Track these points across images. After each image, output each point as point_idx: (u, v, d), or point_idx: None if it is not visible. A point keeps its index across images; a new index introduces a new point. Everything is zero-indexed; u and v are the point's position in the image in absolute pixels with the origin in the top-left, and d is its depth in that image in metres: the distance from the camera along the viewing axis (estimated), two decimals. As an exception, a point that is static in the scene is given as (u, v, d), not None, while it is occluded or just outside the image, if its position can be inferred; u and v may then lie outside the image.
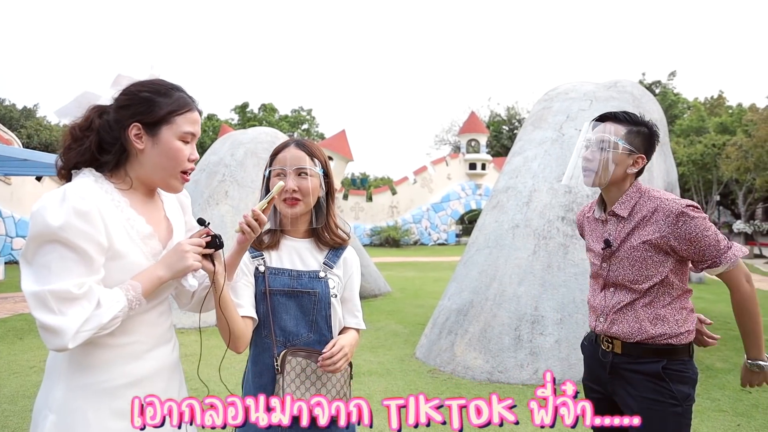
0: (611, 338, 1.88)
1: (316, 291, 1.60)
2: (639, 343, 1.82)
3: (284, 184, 1.51)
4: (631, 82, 6.44)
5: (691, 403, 1.81)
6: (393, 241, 24.51)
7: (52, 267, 1.13)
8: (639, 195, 1.86)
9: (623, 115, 1.87)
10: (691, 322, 1.84)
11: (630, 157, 1.84)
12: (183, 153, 1.32)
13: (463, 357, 4.79)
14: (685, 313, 1.83)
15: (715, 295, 9.85)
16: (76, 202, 1.15)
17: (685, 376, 1.80)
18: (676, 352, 1.80)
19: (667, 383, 1.78)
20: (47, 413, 1.22)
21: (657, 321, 1.81)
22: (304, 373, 1.55)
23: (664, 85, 35.71)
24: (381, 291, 9.51)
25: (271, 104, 38.67)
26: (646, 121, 1.88)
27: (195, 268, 1.30)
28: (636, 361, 1.82)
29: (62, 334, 1.11)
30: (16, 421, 3.62)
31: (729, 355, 5.54)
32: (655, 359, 1.80)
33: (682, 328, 1.81)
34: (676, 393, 1.78)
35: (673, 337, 1.80)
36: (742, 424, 3.70)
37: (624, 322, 1.85)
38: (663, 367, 1.79)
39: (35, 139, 32.49)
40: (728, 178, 22.44)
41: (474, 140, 27.49)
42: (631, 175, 1.87)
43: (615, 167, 1.83)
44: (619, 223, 1.88)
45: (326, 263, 1.65)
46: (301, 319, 1.59)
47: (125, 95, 1.30)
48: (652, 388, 1.79)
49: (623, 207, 1.87)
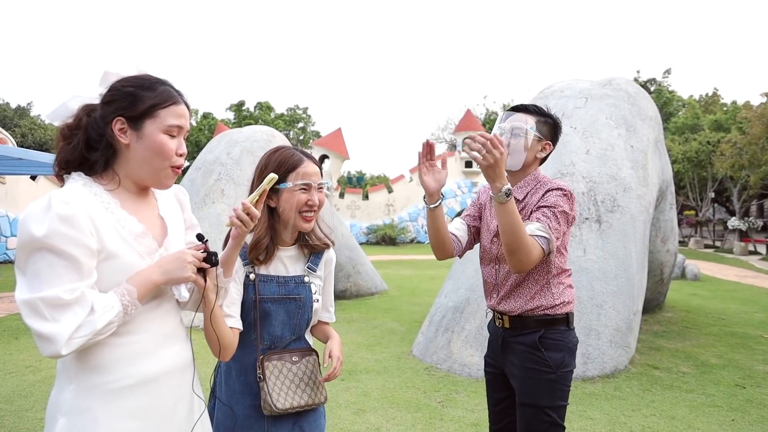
0: (501, 314, 2.06)
1: (302, 296, 1.64)
2: (520, 315, 2.00)
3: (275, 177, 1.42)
4: (626, 80, 6.46)
5: (566, 369, 1.96)
6: (389, 240, 24.50)
7: (41, 275, 1.12)
8: (536, 183, 2.03)
9: (533, 107, 2.06)
10: (568, 295, 2.01)
11: (539, 143, 2.04)
12: (168, 146, 1.30)
13: (459, 354, 4.80)
14: (562, 288, 2.00)
15: (710, 292, 9.91)
16: (60, 208, 1.14)
17: (560, 344, 1.96)
18: (554, 323, 1.98)
19: (542, 352, 1.94)
20: (58, 416, 1.21)
21: (536, 295, 1.98)
22: (281, 373, 1.59)
23: (659, 83, 35.78)
24: (377, 289, 9.51)
25: (267, 102, 38.54)
26: (552, 114, 2.09)
27: (191, 280, 1.30)
28: (520, 333, 2.00)
29: (55, 341, 1.10)
30: (12, 421, 3.61)
31: (723, 350, 5.58)
32: (534, 329, 1.97)
33: (558, 300, 1.98)
34: (550, 360, 1.94)
35: (549, 308, 1.97)
36: (737, 419, 3.73)
37: (509, 298, 2.03)
38: (539, 337, 1.96)
39: (30, 138, 32.32)
40: (723, 175, 22.50)
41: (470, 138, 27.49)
42: (538, 160, 2.06)
43: (527, 152, 2.01)
44: (516, 204, 1.98)
45: (309, 267, 1.68)
46: (287, 323, 1.63)
47: (110, 91, 1.29)
48: (529, 357, 1.96)
49: (520, 191, 2.03)
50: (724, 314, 7.63)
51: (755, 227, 22.40)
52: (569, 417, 3.71)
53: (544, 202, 1.92)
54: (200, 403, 1.44)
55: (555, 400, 1.94)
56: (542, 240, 1.85)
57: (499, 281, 2.06)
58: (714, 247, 23.06)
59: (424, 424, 3.62)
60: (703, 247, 22.99)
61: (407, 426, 3.59)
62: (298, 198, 1.57)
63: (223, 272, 1.41)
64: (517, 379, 2.00)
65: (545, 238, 1.85)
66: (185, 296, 1.37)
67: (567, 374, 1.96)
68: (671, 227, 6.85)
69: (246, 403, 1.60)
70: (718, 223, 27.88)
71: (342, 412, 3.79)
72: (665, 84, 35.77)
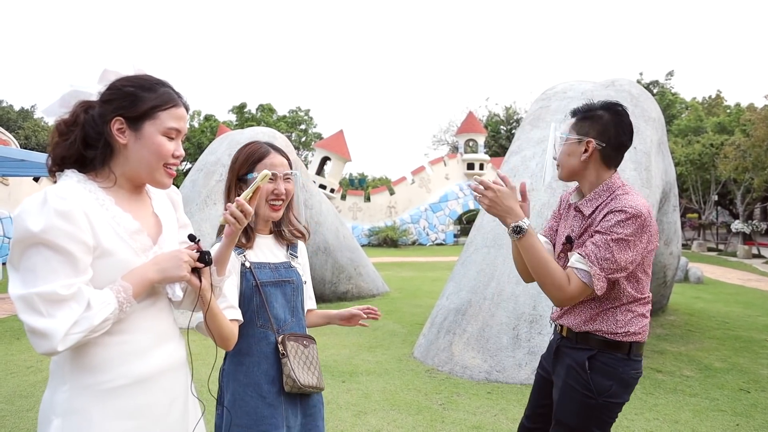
0: (561, 324, 1.96)
1: (293, 279, 1.74)
2: (578, 332, 1.87)
3: (268, 174, 1.43)
4: (629, 81, 6.44)
5: (612, 399, 1.78)
6: (391, 241, 24.48)
7: (37, 270, 1.11)
8: (608, 194, 1.82)
9: (578, 108, 1.92)
10: (636, 325, 1.81)
11: (580, 145, 1.85)
12: (166, 148, 1.30)
13: (461, 356, 4.78)
14: (630, 316, 1.80)
15: (713, 295, 9.86)
16: (57, 203, 1.14)
17: (611, 371, 1.78)
18: (612, 347, 1.80)
19: (587, 373, 1.79)
20: (52, 417, 1.20)
21: (596, 317, 1.82)
22: (297, 354, 1.67)
23: (662, 85, 35.75)
24: (379, 291, 9.50)
25: (269, 105, 38.63)
26: (603, 105, 1.87)
27: (186, 279, 1.30)
28: (574, 347, 1.87)
29: (51, 337, 1.09)
30: (13, 421, 3.61)
31: (727, 354, 5.54)
32: (588, 348, 1.82)
33: (621, 328, 1.79)
34: (593, 384, 1.77)
35: (609, 333, 1.80)
36: (741, 424, 3.69)
37: (570, 313, 1.90)
38: (590, 357, 1.80)
39: (33, 140, 32.45)
40: (726, 177, 22.41)
41: (472, 140, 27.47)
42: (594, 162, 1.85)
43: (569, 158, 1.87)
44: (583, 220, 1.88)
45: (291, 253, 1.79)
46: (286, 306, 1.71)
47: (110, 90, 1.29)
48: (573, 375, 1.83)
49: (588, 204, 1.86)
50: (727, 318, 7.59)
51: (759, 230, 22.33)
52: (571, 420, 3.69)
53: (601, 226, 1.74)
54: (196, 403, 1.43)
55: (589, 426, 1.79)
56: (582, 273, 1.71)
57: None
58: (717, 250, 22.97)
59: (425, 427, 3.59)
60: (706, 250, 22.91)
61: (408, 428, 3.57)
62: (266, 188, 1.65)
63: (216, 270, 1.40)
64: (557, 392, 1.90)
65: (585, 271, 1.70)
66: (179, 295, 1.36)
67: (611, 405, 1.78)
68: (674, 230, 6.82)
69: (264, 392, 1.62)
70: (722, 226, 27.78)
71: (342, 414, 3.77)
72: (668, 86, 35.75)
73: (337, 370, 4.90)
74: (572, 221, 1.93)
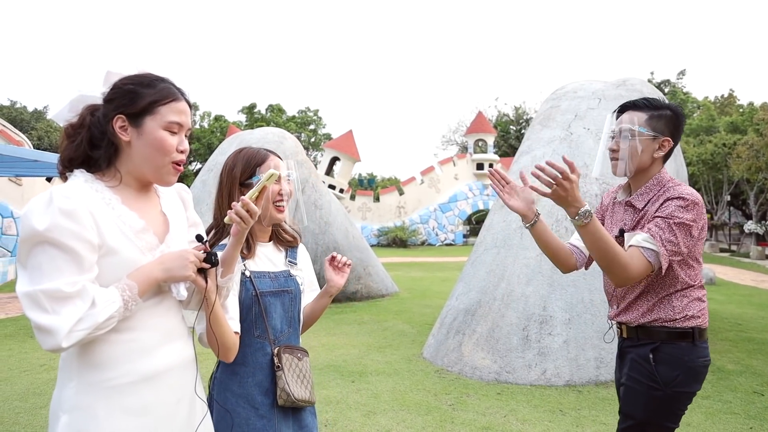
0: (620, 323, 1.94)
1: (292, 289, 1.72)
2: (638, 327, 1.86)
3: (276, 173, 1.38)
4: (640, 80, 6.39)
5: (680, 389, 1.76)
6: (400, 242, 24.48)
7: (43, 267, 1.13)
8: (659, 188, 1.86)
9: (643, 101, 1.89)
10: (694, 308, 1.82)
11: (655, 142, 1.86)
12: (168, 142, 1.30)
13: (470, 357, 4.76)
14: (686, 301, 1.82)
15: (725, 297, 9.75)
16: (62, 202, 1.15)
17: (678, 361, 1.77)
18: (675, 337, 1.80)
19: (651, 365, 1.79)
20: (60, 414, 1.22)
21: (654, 307, 1.83)
22: (291, 367, 1.65)
23: (674, 84, 35.43)
24: (388, 291, 9.50)
25: (279, 105, 38.79)
26: (669, 104, 1.89)
27: (191, 279, 1.30)
28: (636, 344, 1.87)
29: (55, 333, 1.10)
30: (26, 418, 3.66)
31: (740, 357, 5.48)
32: (650, 341, 1.83)
33: (679, 313, 1.80)
34: (658, 375, 1.77)
35: (668, 321, 1.81)
36: (755, 427, 3.65)
37: (628, 310, 1.89)
38: (654, 349, 1.80)
39: (46, 140, 32.84)
40: (739, 178, 22.14)
41: (481, 140, 27.40)
42: (658, 159, 1.89)
43: (641, 154, 1.85)
44: (635, 213, 1.90)
45: (290, 261, 1.77)
46: (284, 316, 1.69)
47: (111, 89, 1.30)
48: (637, 368, 1.83)
49: (640, 198, 1.89)
50: (740, 319, 7.50)
51: (772, 231, 22.02)
52: (581, 421, 3.67)
53: (661, 212, 1.77)
54: (202, 405, 1.42)
55: (658, 418, 1.77)
56: (649, 252, 1.71)
57: (618, 293, 1.94)
58: (730, 251, 22.72)
59: (435, 427, 3.59)
60: (718, 250, 22.66)
61: (417, 428, 3.57)
62: (272, 189, 1.65)
63: (223, 271, 1.39)
64: (623, 388, 1.87)
65: (652, 250, 1.71)
66: (183, 295, 1.36)
67: (680, 395, 1.77)
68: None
69: (257, 403, 1.60)
70: (734, 227, 27.46)
71: (352, 414, 3.78)
72: (680, 85, 35.43)
73: (346, 370, 4.91)
74: (623, 216, 1.94)
